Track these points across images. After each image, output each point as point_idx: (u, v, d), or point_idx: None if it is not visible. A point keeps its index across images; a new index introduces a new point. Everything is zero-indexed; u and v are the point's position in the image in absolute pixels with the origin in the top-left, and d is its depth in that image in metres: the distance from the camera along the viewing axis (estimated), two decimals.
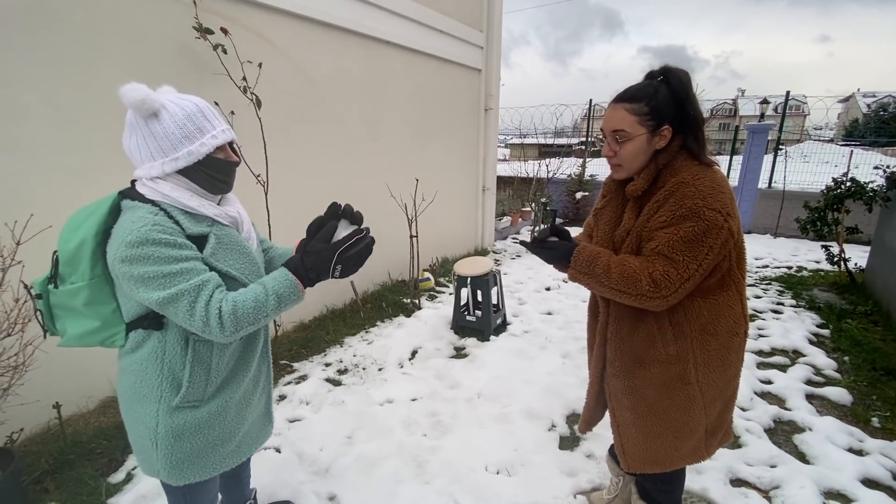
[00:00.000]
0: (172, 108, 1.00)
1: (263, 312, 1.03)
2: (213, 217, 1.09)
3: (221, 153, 1.08)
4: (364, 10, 3.67)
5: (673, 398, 1.31)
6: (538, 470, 2.06)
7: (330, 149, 3.59)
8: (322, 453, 2.15)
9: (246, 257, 1.13)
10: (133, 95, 0.96)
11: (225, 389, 1.16)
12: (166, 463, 1.11)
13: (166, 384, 1.07)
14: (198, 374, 1.08)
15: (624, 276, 1.19)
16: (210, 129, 1.04)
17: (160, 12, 2.39)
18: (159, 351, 1.07)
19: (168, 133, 0.99)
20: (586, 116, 8.97)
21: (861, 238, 4.69)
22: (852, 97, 40.93)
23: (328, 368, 2.94)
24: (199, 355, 1.08)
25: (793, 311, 3.93)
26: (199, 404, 1.11)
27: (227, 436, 1.20)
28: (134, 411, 1.11)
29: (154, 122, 0.99)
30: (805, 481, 1.96)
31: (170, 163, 1.01)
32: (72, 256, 1.02)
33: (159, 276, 0.95)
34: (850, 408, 2.55)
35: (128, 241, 0.94)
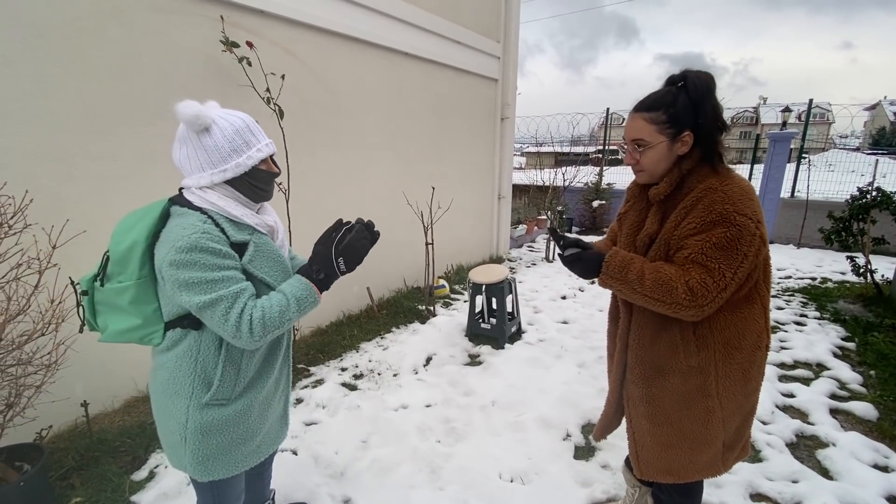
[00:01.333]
0: (222, 123, 1.09)
1: (287, 317, 1.10)
2: (254, 226, 1.17)
3: (264, 165, 1.17)
4: (384, 23, 3.75)
5: (691, 409, 1.29)
6: (552, 479, 2.05)
7: (349, 157, 3.66)
8: (337, 457, 2.18)
9: (279, 265, 1.20)
10: (188, 111, 1.04)
11: (251, 390, 1.22)
12: (193, 458, 1.16)
13: (198, 382, 1.13)
14: (229, 373, 1.15)
15: (658, 283, 1.16)
16: (255, 143, 1.13)
17: (189, 27, 2.50)
18: (194, 349, 1.13)
19: (218, 146, 1.07)
20: (603, 125, 8.93)
21: (888, 249, 4.55)
22: (879, 105, 39.82)
23: (344, 373, 2.98)
24: (231, 356, 1.15)
25: (817, 324, 3.83)
26: (227, 403, 1.17)
27: (250, 434, 1.25)
28: (165, 406, 1.17)
29: (205, 135, 1.07)
30: (828, 497, 1.90)
31: (219, 174, 1.09)
32: (122, 257, 1.09)
33: (203, 283, 1.02)
34: (876, 423, 2.47)
35: (178, 245, 1.01)
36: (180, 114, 1.05)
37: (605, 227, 8.41)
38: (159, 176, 2.47)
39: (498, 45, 5.41)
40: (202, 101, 1.15)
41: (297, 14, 3.02)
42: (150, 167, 2.44)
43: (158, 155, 2.46)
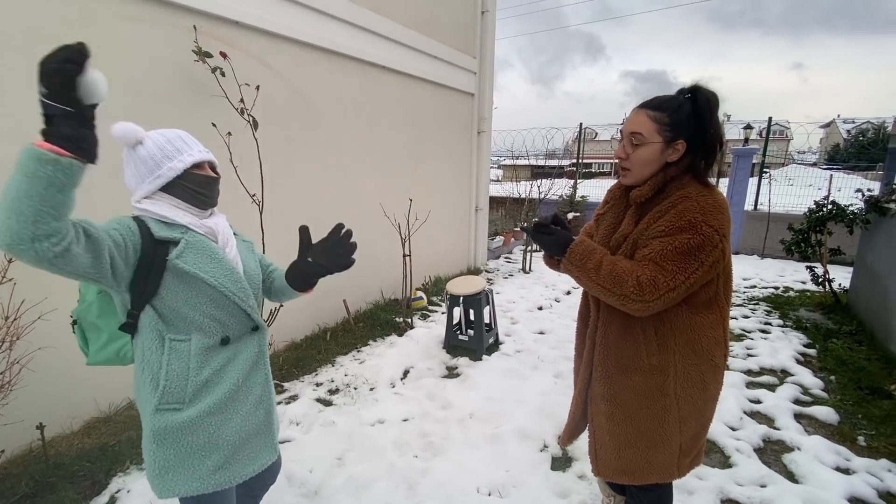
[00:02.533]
0: (154, 135, 1.15)
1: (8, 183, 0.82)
2: (187, 225, 1.17)
3: (200, 170, 1.19)
4: (362, 37, 3.78)
5: (649, 408, 1.33)
6: (530, 491, 2.05)
7: (326, 169, 3.64)
8: (312, 475, 2.12)
9: (218, 263, 1.17)
10: (118, 128, 1.10)
11: (208, 393, 1.15)
12: (151, 470, 1.13)
13: (149, 385, 1.11)
14: (175, 372, 1.10)
15: (612, 274, 1.21)
16: (188, 150, 1.16)
17: (161, 37, 2.45)
18: (139, 352, 1.14)
19: (151, 154, 1.12)
20: (577, 139, 9.17)
21: (844, 259, 4.80)
22: (833, 123, 42.26)
23: (319, 388, 2.92)
24: (176, 352, 1.12)
25: (780, 331, 3.99)
26: (182, 407, 1.12)
27: (213, 445, 1.16)
28: (142, 417, 1.18)
29: (139, 148, 1.13)
30: (794, 501, 1.97)
31: (154, 180, 1.12)
32: None
33: None
34: (837, 427, 2.57)
35: None
36: (113, 132, 1.09)
37: None
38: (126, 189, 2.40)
39: (474, 61, 5.52)
40: (174, 109, 1.18)
41: (273, 26, 3.01)
42: (117, 179, 2.36)
43: None
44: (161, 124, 2.54)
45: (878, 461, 2.24)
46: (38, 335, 1.95)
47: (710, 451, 2.37)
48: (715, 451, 2.36)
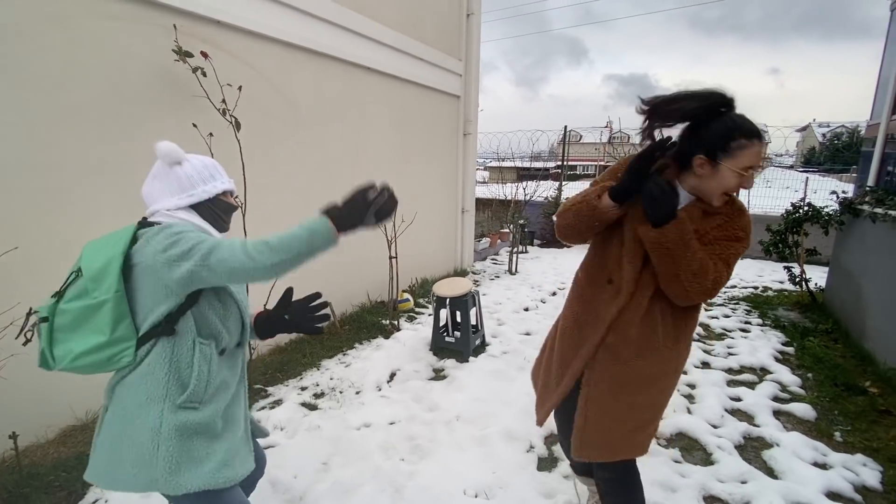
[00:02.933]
0: (193, 159, 1.26)
1: (296, 241, 1.13)
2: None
3: (226, 197, 1.32)
4: (347, 38, 3.76)
5: (649, 393, 1.41)
6: (516, 492, 2.05)
7: (310, 171, 3.61)
8: (296, 481, 2.09)
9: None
10: (166, 148, 1.20)
11: (218, 396, 1.25)
12: (166, 465, 1.13)
13: (173, 383, 1.16)
14: (203, 371, 1.18)
15: (703, 263, 1.23)
16: (220, 177, 1.30)
17: (140, 35, 2.41)
18: (168, 352, 1.16)
19: (189, 175, 1.23)
20: (562, 141, 9.26)
21: (820, 259, 4.94)
22: (809, 127, 43.46)
23: (304, 392, 2.89)
24: (204, 354, 1.19)
25: (759, 330, 4.08)
26: (199, 406, 1.19)
27: (219, 444, 1.24)
28: (136, 420, 1.15)
29: (178, 168, 1.23)
30: (773, 496, 2.01)
31: (186, 198, 1.22)
32: (98, 272, 1.13)
33: (197, 243, 1.11)
34: (815, 423, 2.64)
35: (168, 232, 1.12)
36: (159, 149, 1.19)
37: None
38: (106, 187, 2.35)
39: (460, 63, 5.53)
40: (155, 109, 1.16)
41: (256, 26, 2.98)
42: (96, 178, 2.31)
43: (107, 166, 2.34)
44: (141, 124, 2.50)
45: (853, 456, 2.31)
46: (10, 342, 1.89)
47: (693, 448, 2.41)
48: (697, 449, 2.40)
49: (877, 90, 4.60)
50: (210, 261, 1.09)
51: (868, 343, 3.47)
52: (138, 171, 2.44)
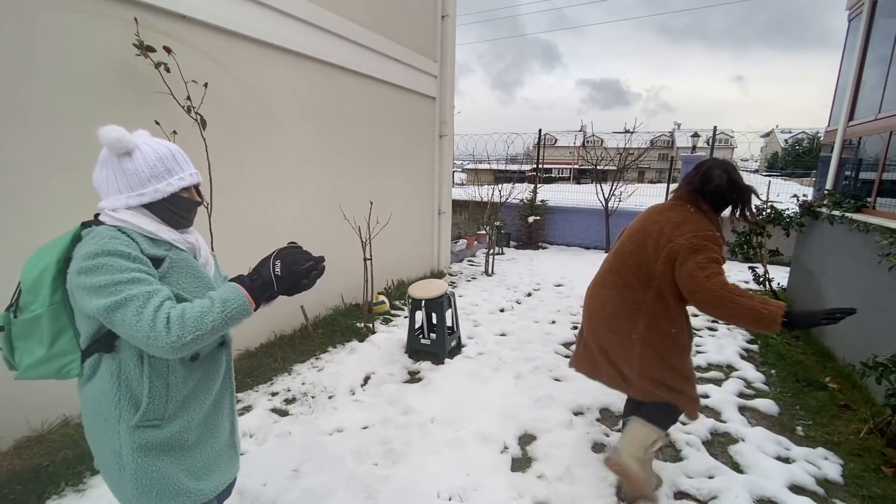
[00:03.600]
0: (146, 149, 1.09)
1: (209, 319, 1.00)
2: (171, 241, 1.13)
3: (186, 193, 1.16)
4: (320, 37, 3.70)
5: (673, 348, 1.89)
6: (490, 494, 2.05)
7: (282, 171, 3.53)
8: (265, 489, 2.03)
9: (200, 281, 1.15)
10: (109, 135, 1.04)
11: (186, 409, 1.15)
12: (135, 489, 1.08)
13: (125, 402, 1.07)
14: (157, 388, 1.08)
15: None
16: (178, 172, 1.13)
17: (100, 29, 2.30)
18: (114, 369, 1.07)
19: (138, 171, 1.07)
20: (537, 145, 9.36)
21: (782, 260, 5.13)
22: (772, 133, 45.31)
23: (274, 398, 2.81)
24: (155, 370, 1.08)
25: (726, 329, 4.21)
26: (161, 424, 1.10)
27: (190, 460, 1.17)
28: (98, 438, 1.10)
29: (126, 159, 1.07)
30: (739, 490, 2.06)
31: (135, 197, 1.07)
32: (34, 284, 1.05)
33: (111, 284, 0.97)
34: (778, 418, 2.73)
35: (86, 252, 0.99)
36: (102, 137, 1.04)
37: (540, 241, 8.74)
38: (63, 187, 2.23)
39: (435, 65, 5.53)
40: (114, 105, 1.08)
41: (224, 22, 2.90)
42: (52, 177, 2.20)
43: (64, 164, 2.23)
44: (101, 121, 2.38)
45: (815, 449, 2.39)
46: None
47: (664, 445, 2.46)
48: (667, 446, 2.45)
49: (834, 98, 4.82)
50: (112, 317, 0.96)
51: (827, 340, 3.62)
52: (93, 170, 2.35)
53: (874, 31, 4.07)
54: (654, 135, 19.13)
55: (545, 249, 8.44)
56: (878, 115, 3.67)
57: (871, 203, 3.58)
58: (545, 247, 8.64)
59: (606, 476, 2.15)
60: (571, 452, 2.32)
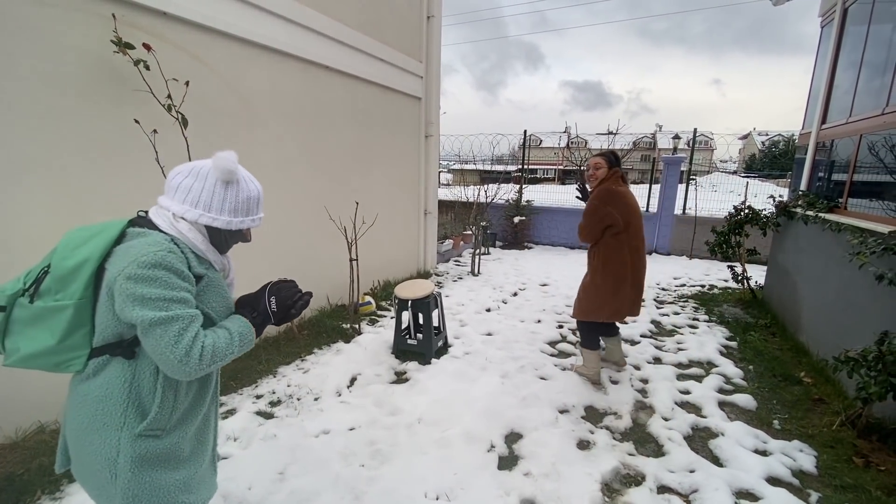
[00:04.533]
0: (244, 185, 1.16)
1: (230, 352, 1.09)
2: (212, 262, 1.18)
3: (246, 232, 1.24)
4: (305, 36, 3.67)
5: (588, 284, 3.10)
6: (477, 492, 2.06)
7: (266, 171, 3.48)
8: (250, 492, 2.01)
9: (225, 301, 1.19)
10: (226, 164, 1.10)
11: (184, 422, 1.16)
12: (125, 499, 1.05)
13: (132, 410, 1.05)
14: (167, 399, 1.09)
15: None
16: (254, 214, 1.20)
17: (76, 25, 2.25)
18: (128, 375, 1.05)
19: (227, 200, 1.13)
20: (523, 145, 9.43)
21: (760, 259, 5.28)
22: (749, 135, 46.45)
23: (259, 401, 2.78)
24: (168, 380, 1.09)
25: (706, 326, 4.30)
26: (161, 434, 1.10)
27: (185, 473, 1.16)
28: (90, 443, 1.05)
29: (226, 187, 1.13)
30: (719, 484, 2.12)
31: (208, 218, 1.11)
32: (68, 273, 1.02)
33: (161, 300, 0.99)
34: (755, 412, 2.81)
35: (142, 261, 0.98)
36: (217, 163, 1.10)
37: (526, 241, 8.82)
38: (36, 187, 2.17)
39: (420, 65, 5.53)
40: (93, 104, 1.05)
41: (206, 19, 2.85)
42: (24, 177, 2.14)
43: (37, 163, 2.17)
44: (77, 120, 2.33)
45: (790, 442, 2.47)
46: None
47: (646, 441, 2.51)
48: (650, 442, 2.50)
49: (808, 101, 4.97)
50: (152, 331, 0.97)
51: (802, 336, 3.73)
52: (72, 169, 2.29)
53: (845, 37, 4.21)
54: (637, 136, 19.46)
55: (531, 249, 8.51)
56: (849, 119, 3.80)
57: (843, 203, 3.70)
58: (531, 247, 8.71)
59: (591, 473, 2.19)
60: (557, 450, 2.35)
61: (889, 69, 3.21)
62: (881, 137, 3.26)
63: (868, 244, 2.64)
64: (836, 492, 2.11)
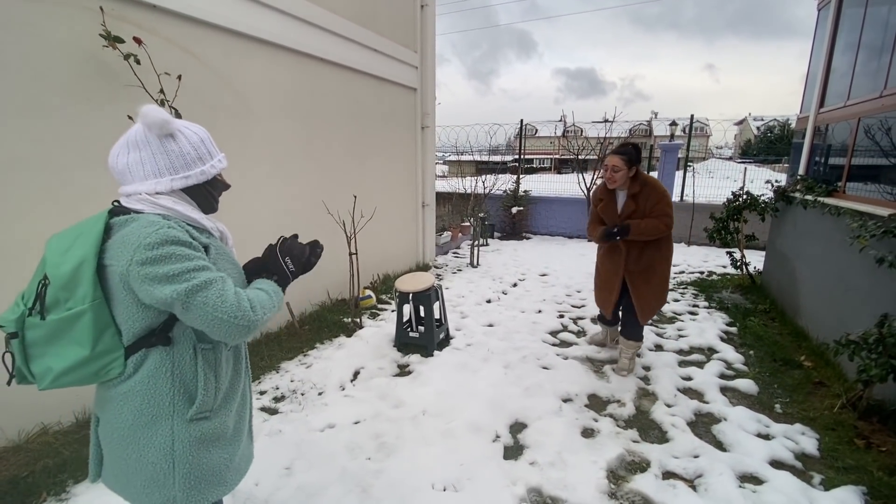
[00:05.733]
0: (186, 131, 1.07)
1: (273, 304, 1.10)
2: (210, 230, 1.13)
3: (220, 176, 1.18)
4: (298, 28, 3.61)
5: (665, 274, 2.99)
6: (484, 482, 2.07)
7: (261, 165, 3.45)
8: (258, 488, 2.01)
9: (236, 267, 1.18)
10: (156, 115, 1.01)
11: (227, 401, 1.17)
12: (186, 483, 1.06)
13: (179, 397, 1.05)
14: (210, 380, 1.08)
15: (651, 227, 2.76)
16: (216, 154, 1.13)
17: (64, 19, 2.20)
18: (168, 363, 1.04)
19: (184, 153, 1.05)
20: (519, 135, 9.38)
21: (758, 244, 5.28)
22: (745, 120, 46.37)
23: (263, 397, 2.78)
24: (207, 362, 1.08)
25: (706, 312, 4.32)
26: (210, 415, 1.11)
27: (232, 450, 1.18)
28: (139, 439, 1.04)
29: (169, 141, 1.04)
30: (723, 468, 2.13)
31: (181, 179, 1.05)
32: (69, 279, 0.96)
33: (186, 270, 0.96)
34: (757, 397, 2.83)
35: (147, 243, 0.94)
36: (145, 117, 1.00)
37: (524, 232, 8.82)
38: (28, 186, 2.14)
39: (415, 56, 5.46)
40: (83, 100, 1.03)
41: (199, 12, 2.80)
42: (15, 176, 2.10)
43: (26, 162, 2.13)
44: (68, 116, 2.29)
45: (792, 426, 2.49)
46: None
47: (650, 428, 2.52)
48: (653, 428, 2.51)
49: (805, 85, 4.94)
50: (193, 299, 0.94)
51: (801, 320, 3.75)
52: (65, 166, 2.26)
53: (843, 19, 4.18)
54: (633, 124, 19.42)
55: (529, 240, 8.50)
56: (846, 102, 3.79)
57: (842, 187, 3.70)
58: (529, 237, 8.70)
59: (597, 461, 2.20)
60: (562, 439, 2.36)
61: (886, 51, 3.19)
62: (879, 120, 3.25)
63: (868, 227, 2.64)
64: (839, 473, 2.13)
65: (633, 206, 2.80)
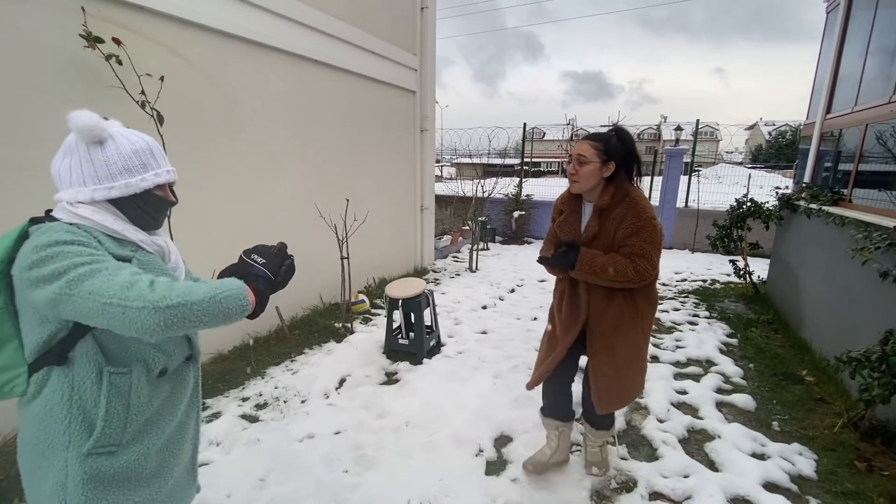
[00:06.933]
0: (120, 139, 0.99)
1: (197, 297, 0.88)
2: (138, 242, 1.03)
3: (160, 191, 1.06)
4: (292, 30, 3.58)
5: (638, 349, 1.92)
6: (463, 499, 2.00)
7: (252, 168, 3.41)
8: (229, 500, 1.96)
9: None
10: (81, 120, 0.93)
11: (147, 434, 1.04)
12: None
13: (76, 426, 0.94)
14: (115, 409, 0.96)
15: (618, 271, 1.71)
16: (154, 167, 1.03)
17: (45, 20, 2.17)
18: (66, 387, 0.94)
19: (109, 162, 0.97)
20: (522, 139, 9.30)
21: (763, 253, 5.16)
22: (756, 125, 45.84)
23: (245, 403, 2.73)
24: (115, 388, 0.96)
25: (706, 323, 4.20)
26: (117, 450, 0.98)
27: (147, 494, 1.05)
28: (38, 469, 0.96)
29: (97, 148, 0.97)
30: (713, 489, 2.04)
31: (102, 190, 0.97)
32: None
33: (73, 266, 0.84)
34: (754, 413, 2.72)
35: (35, 245, 0.86)
36: (72, 122, 0.93)
37: (525, 236, 8.73)
38: (6, 190, 2.11)
39: (415, 58, 5.42)
40: (63, 101, 0.98)
41: (187, 13, 2.77)
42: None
43: (7, 166, 2.10)
44: (47, 117, 2.26)
45: (790, 445, 2.38)
46: None
47: (639, 444, 2.43)
48: (643, 444, 2.42)
49: (813, 90, 4.82)
50: (77, 290, 0.82)
51: (805, 333, 3.63)
52: (44, 168, 2.22)
53: (851, 23, 4.06)
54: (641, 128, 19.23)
55: (530, 244, 8.41)
56: (854, 108, 3.67)
57: (848, 196, 3.58)
58: (530, 241, 8.61)
59: (581, 479, 2.12)
60: None
61: None
62: (888, 127, 3.13)
63: (872, 239, 2.54)
64: (837, 498, 2.03)
65: (596, 229, 1.80)
